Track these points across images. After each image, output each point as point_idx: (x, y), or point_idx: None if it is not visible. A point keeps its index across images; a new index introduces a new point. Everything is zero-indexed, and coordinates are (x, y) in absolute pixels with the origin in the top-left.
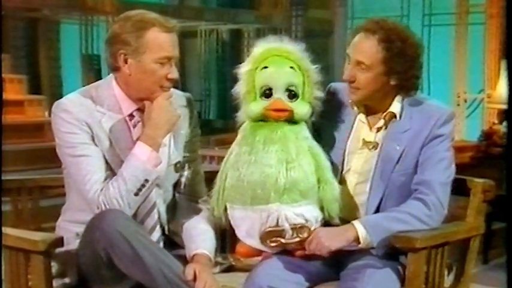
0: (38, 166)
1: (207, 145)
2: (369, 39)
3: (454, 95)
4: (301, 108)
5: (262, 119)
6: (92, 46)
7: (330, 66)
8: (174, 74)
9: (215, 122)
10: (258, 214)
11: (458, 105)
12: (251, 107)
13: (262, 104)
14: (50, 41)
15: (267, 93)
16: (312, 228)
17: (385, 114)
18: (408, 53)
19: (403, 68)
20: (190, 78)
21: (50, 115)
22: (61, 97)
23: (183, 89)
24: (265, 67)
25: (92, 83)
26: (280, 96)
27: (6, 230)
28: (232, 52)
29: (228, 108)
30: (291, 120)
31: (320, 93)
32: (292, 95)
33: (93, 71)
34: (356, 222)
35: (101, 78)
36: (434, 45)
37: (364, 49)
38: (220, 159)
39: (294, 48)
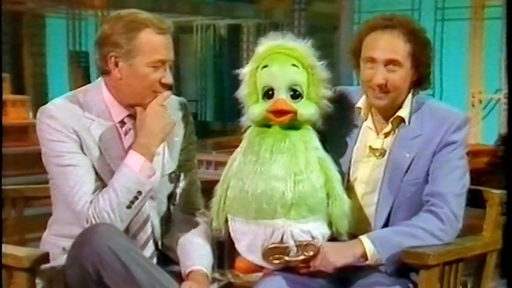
0: (22, 172)
1: (204, 149)
2: (394, 36)
3: (469, 95)
4: (306, 109)
5: (266, 123)
6: (79, 42)
7: (335, 64)
8: (168, 78)
9: (212, 124)
10: (261, 229)
11: (473, 106)
12: (252, 110)
13: (264, 106)
14: (34, 37)
15: (269, 94)
16: (318, 246)
17: (393, 118)
18: (428, 42)
19: (427, 58)
20: (185, 77)
21: (34, 116)
22: (46, 97)
23: (177, 89)
24: (266, 66)
25: (79, 81)
26: (282, 96)
27: None
28: (230, 49)
29: (225, 109)
30: (299, 127)
31: (328, 92)
32: (296, 94)
33: (81, 69)
34: (363, 237)
35: (89, 77)
36: (447, 41)
37: (393, 46)
38: (218, 164)
39: (297, 45)
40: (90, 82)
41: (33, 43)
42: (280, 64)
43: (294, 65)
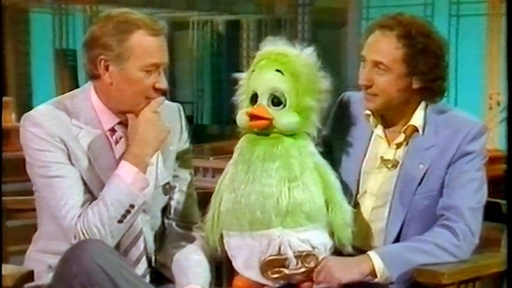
0: (4, 180)
1: (200, 155)
2: (386, 37)
3: (486, 96)
4: (284, 118)
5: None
6: (66, 40)
7: (341, 63)
8: (163, 83)
9: (209, 128)
10: (257, 241)
11: (491, 108)
12: (239, 115)
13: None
14: (17, 33)
15: (255, 99)
16: (320, 257)
17: (405, 127)
18: (432, 49)
19: (427, 66)
20: (180, 77)
21: (17, 119)
22: (31, 98)
23: (172, 90)
24: (253, 71)
25: (66, 82)
26: (263, 103)
27: None
28: (229, 47)
29: (223, 111)
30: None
31: (316, 104)
32: (278, 101)
33: (68, 69)
34: (372, 254)
35: (77, 77)
36: (462, 38)
37: (381, 47)
38: (216, 171)
39: (287, 50)
40: (78, 82)
41: (16, 40)
42: (264, 69)
43: (278, 71)
